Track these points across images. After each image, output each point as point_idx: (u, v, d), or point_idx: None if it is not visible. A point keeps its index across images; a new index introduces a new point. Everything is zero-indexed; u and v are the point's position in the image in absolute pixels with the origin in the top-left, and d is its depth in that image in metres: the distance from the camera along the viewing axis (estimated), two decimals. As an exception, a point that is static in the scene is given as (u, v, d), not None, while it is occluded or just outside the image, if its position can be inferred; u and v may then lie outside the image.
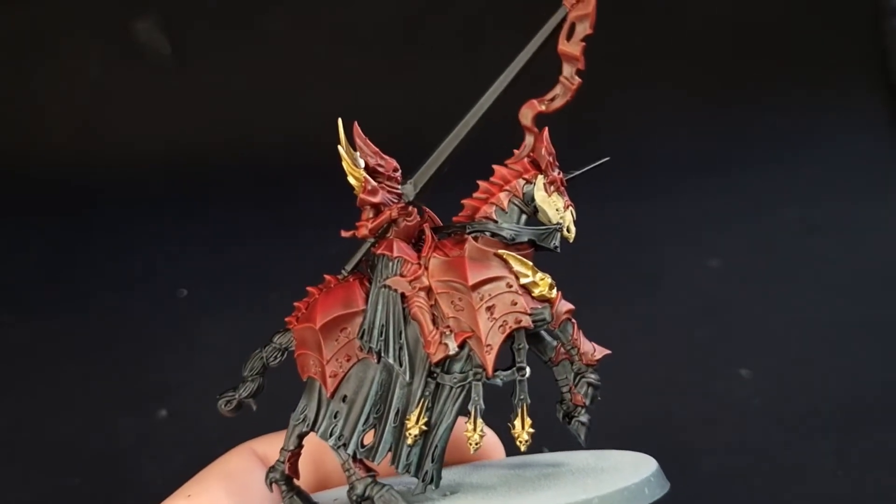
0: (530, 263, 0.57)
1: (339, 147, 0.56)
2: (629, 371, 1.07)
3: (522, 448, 0.57)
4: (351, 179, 0.57)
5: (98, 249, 1.38)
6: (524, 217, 0.58)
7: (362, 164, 0.57)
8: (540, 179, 0.58)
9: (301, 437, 0.57)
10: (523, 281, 0.56)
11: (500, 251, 0.57)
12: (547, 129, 0.59)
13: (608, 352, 0.58)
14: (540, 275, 0.57)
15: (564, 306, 0.59)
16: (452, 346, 0.55)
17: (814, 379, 1.03)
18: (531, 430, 0.58)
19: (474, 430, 0.56)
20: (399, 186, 0.59)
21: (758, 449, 0.94)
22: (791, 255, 1.26)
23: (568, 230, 0.58)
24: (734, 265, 1.24)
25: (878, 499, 0.88)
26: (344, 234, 0.58)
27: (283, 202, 1.46)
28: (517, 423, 0.59)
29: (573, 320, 0.60)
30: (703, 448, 0.95)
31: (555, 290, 0.57)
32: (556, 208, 0.58)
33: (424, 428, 0.55)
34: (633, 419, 0.99)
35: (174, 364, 1.11)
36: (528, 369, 0.58)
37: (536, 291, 0.57)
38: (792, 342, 1.09)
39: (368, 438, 0.55)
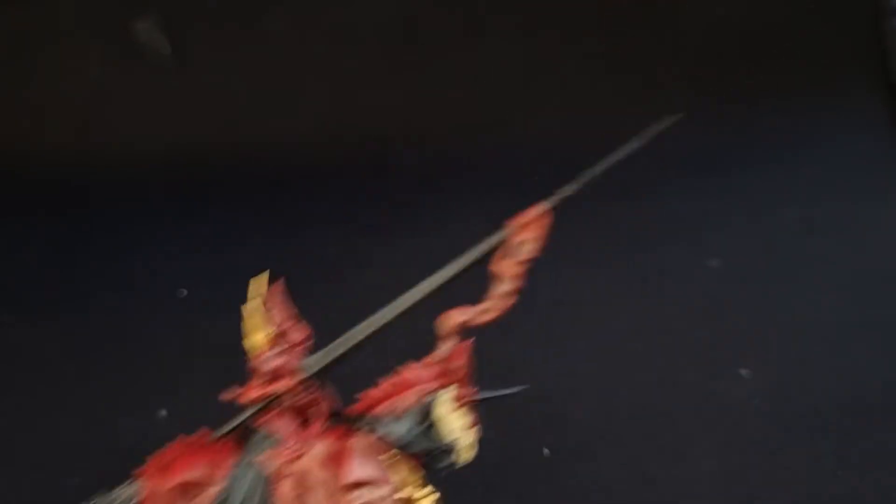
0: (417, 476, 0.53)
1: (254, 301, 0.54)
2: (629, 371, 1.07)
3: None
4: (255, 338, 0.54)
5: (98, 249, 1.38)
6: (419, 428, 0.54)
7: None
8: (445, 393, 0.55)
9: None
10: (403, 494, 0.52)
11: (388, 454, 0.53)
12: (468, 343, 0.57)
13: None
14: (425, 490, 0.53)
15: None
16: None
17: (814, 379, 1.03)
18: None
19: None
20: (301, 360, 0.55)
21: (758, 449, 0.94)
22: (791, 255, 1.26)
23: (465, 450, 0.55)
24: (734, 265, 1.24)
25: (878, 499, 0.88)
26: (228, 396, 0.54)
27: (283, 202, 1.46)
28: None
29: None
30: (703, 448, 0.94)
31: None
32: (458, 425, 0.55)
33: None
34: (632, 419, 0.99)
35: (174, 364, 1.11)
36: None
37: None
38: (792, 342, 1.09)
39: None
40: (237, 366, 0.62)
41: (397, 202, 1.43)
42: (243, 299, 0.63)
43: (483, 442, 0.96)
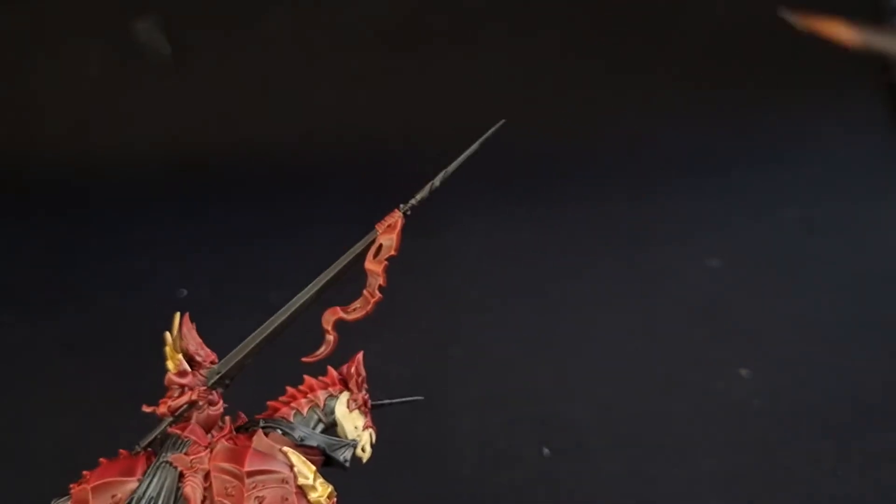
0: (314, 468, 0.59)
1: (167, 333, 0.61)
2: (628, 371, 1.07)
3: None
4: (169, 363, 0.62)
5: (98, 249, 1.38)
6: (321, 426, 0.61)
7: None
8: (344, 395, 0.61)
9: None
10: (301, 482, 0.58)
11: (285, 448, 0.59)
12: (362, 353, 0.63)
13: None
14: (321, 481, 0.58)
15: None
16: None
17: (814, 379, 1.03)
18: None
19: None
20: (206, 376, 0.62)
21: (758, 449, 0.94)
22: (791, 255, 1.26)
23: (363, 449, 0.61)
24: (734, 265, 1.24)
25: (878, 499, 0.88)
26: (145, 409, 0.62)
27: (283, 202, 1.46)
28: None
29: None
30: (703, 448, 0.94)
31: (331, 500, 0.58)
32: (355, 426, 0.61)
33: None
34: (632, 419, 0.99)
35: (174, 364, 1.10)
36: None
37: (313, 496, 0.58)
38: (792, 342, 1.09)
39: None
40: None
41: (397, 202, 1.43)
42: (243, 299, 0.65)
43: (484, 442, 0.96)
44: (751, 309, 1.15)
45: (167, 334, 0.62)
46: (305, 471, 0.58)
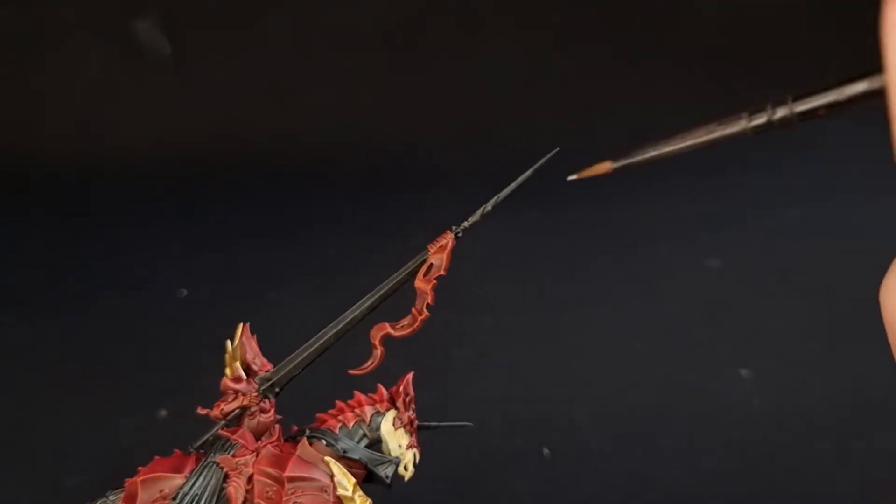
0: (354, 480, 0.59)
1: (228, 341, 0.62)
2: (629, 371, 1.07)
3: None
4: (227, 370, 0.62)
5: (98, 249, 1.38)
6: (365, 440, 0.62)
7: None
8: (391, 413, 0.62)
9: None
10: (340, 492, 0.59)
11: (327, 458, 0.60)
12: (412, 373, 0.64)
13: None
14: (360, 493, 0.59)
15: None
16: None
17: (814, 379, 1.03)
18: None
19: None
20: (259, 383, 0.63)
21: (758, 449, 0.94)
22: (791, 255, 1.26)
23: (405, 468, 0.62)
24: (734, 265, 1.24)
25: (877, 499, 0.88)
26: (200, 411, 0.62)
27: (283, 202, 1.46)
28: None
29: None
30: (703, 448, 0.95)
31: None
32: (399, 444, 0.62)
33: None
34: (632, 419, 0.99)
35: (174, 364, 1.11)
36: None
37: None
38: (792, 342, 1.09)
39: None
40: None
41: (397, 202, 1.43)
42: (243, 299, 0.65)
43: (484, 442, 0.96)
44: (751, 309, 1.15)
45: (228, 342, 0.62)
46: (345, 482, 0.59)
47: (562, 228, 1.33)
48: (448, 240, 0.62)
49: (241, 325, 0.63)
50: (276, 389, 0.63)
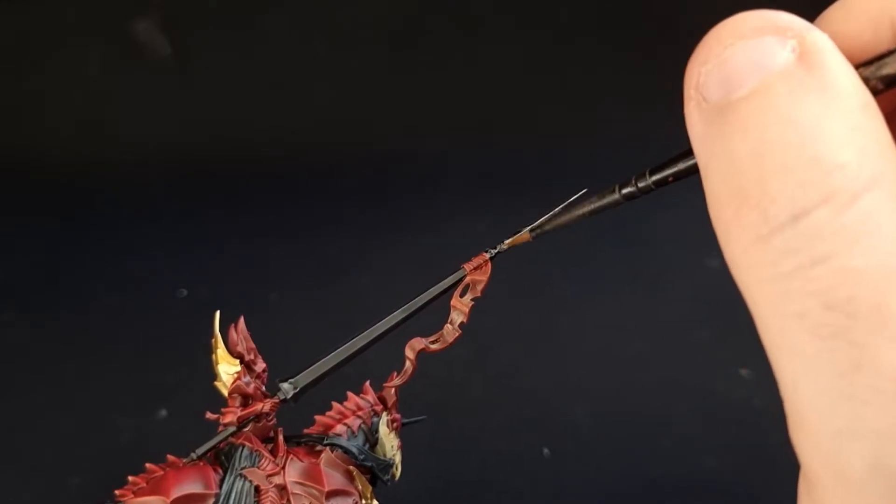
0: (371, 488, 0.60)
1: (216, 336, 0.60)
2: (629, 371, 1.07)
3: None
4: (222, 368, 0.60)
5: (98, 249, 1.38)
6: (367, 445, 0.63)
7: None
8: (385, 415, 0.63)
9: None
10: (364, 503, 0.60)
11: (352, 468, 0.61)
12: (398, 375, 0.63)
13: None
14: (375, 502, 0.60)
15: None
16: None
17: (814, 379, 1.03)
18: None
19: None
20: (264, 386, 0.61)
21: (758, 449, 0.94)
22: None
23: (397, 468, 0.63)
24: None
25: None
26: (209, 416, 0.60)
27: (283, 202, 1.46)
28: None
29: None
30: (703, 448, 0.95)
31: None
32: (392, 445, 0.63)
33: None
34: (632, 419, 0.99)
35: (174, 364, 1.11)
36: None
37: None
38: (792, 342, 1.09)
39: None
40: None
41: (397, 202, 1.43)
42: (243, 299, 0.64)
43: (484, 442, 0.96)
44: (751, 309, 1.15)
45: (216, 339, 0.60)
46: (367, 492, 0.59)
47: (561, 228, 1.33)
48: (485, 261, 0.61)
49: (218, 314, 0.61)
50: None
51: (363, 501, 0.59)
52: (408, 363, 0.62)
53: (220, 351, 0.61)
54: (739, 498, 0.88)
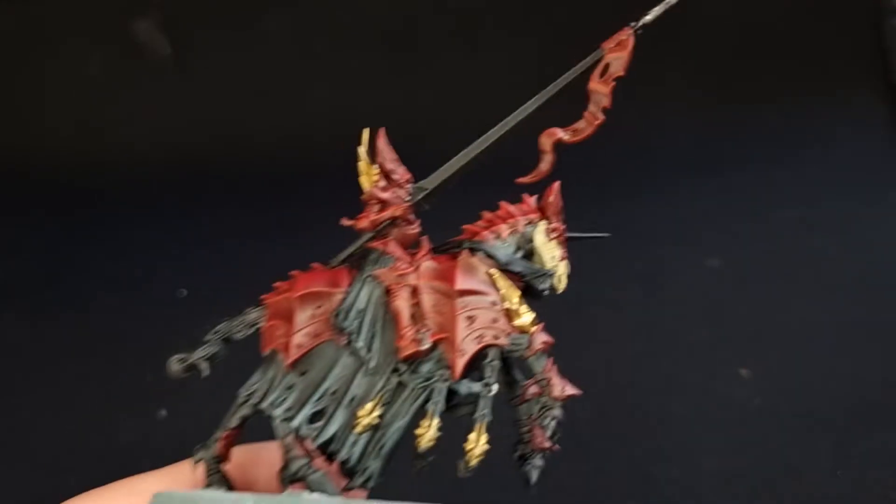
0: (518, 291, 0.56)
1: (360, 148, 0.57)
2: (629, 371, 1.07)
3: (472, 464, 0.55)
4: (363, 179, 0.58)
5: (98, 249, 1.38)
6: (520, 252, 0.58)
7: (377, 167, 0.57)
8: (542, 224, 0.59)
9: (244, 418, 0.55)
10: (507, 305, 0.55)
11: (492, 270, 0.56)
12: (559, 182, 0.59)
13: (579, 392, 0.57)
14: (526, 307, 0.55)
15: (541, 337, 0.55)
16: (426, 343, 0.53)
17: (814, 379, 1.03)
18: (486, 447, 0.55)
19: (428, 427, 0.54)
20: (408, 195, 0.59)
21: (758, 449, 0.94)
22: (791, 255, 1.26)
23: (559, 280, 0.59)
24: (734, 265, 1.24)
25: (877, 499, 0.88)
26: (345, 222, 0.58)
27: (283, 202, 1.46)
28: (473, 437, 0.55)
29: (548, 354, 0.56)
30: (703, 448, 0.94)
31: (535, 326, 0.55)
32: (552, 255, 0.59)
33: (376, 421, 0.53)
34: (632, 419, 0.99)
35: (174, 364, 1.11)
36: (494, 387, 0.55)
37: (518, 321, 0.55)
38: (792, 342, 1.09)
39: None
40: (238, 365, 0.62)
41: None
42: (243, 299, 0.64)
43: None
44: (751, 309, 1.15)
45: (360, 149, 0.58)
46: (512, 296, 0.55)
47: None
48: (628, 36, 0.57)
49: (368, 130, 0.58)
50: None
51: (505, 303, 0.54)
52: (545, 156, 0.58)
53: (362, 163, 0.58)
54: (739, 498, 0.88)
